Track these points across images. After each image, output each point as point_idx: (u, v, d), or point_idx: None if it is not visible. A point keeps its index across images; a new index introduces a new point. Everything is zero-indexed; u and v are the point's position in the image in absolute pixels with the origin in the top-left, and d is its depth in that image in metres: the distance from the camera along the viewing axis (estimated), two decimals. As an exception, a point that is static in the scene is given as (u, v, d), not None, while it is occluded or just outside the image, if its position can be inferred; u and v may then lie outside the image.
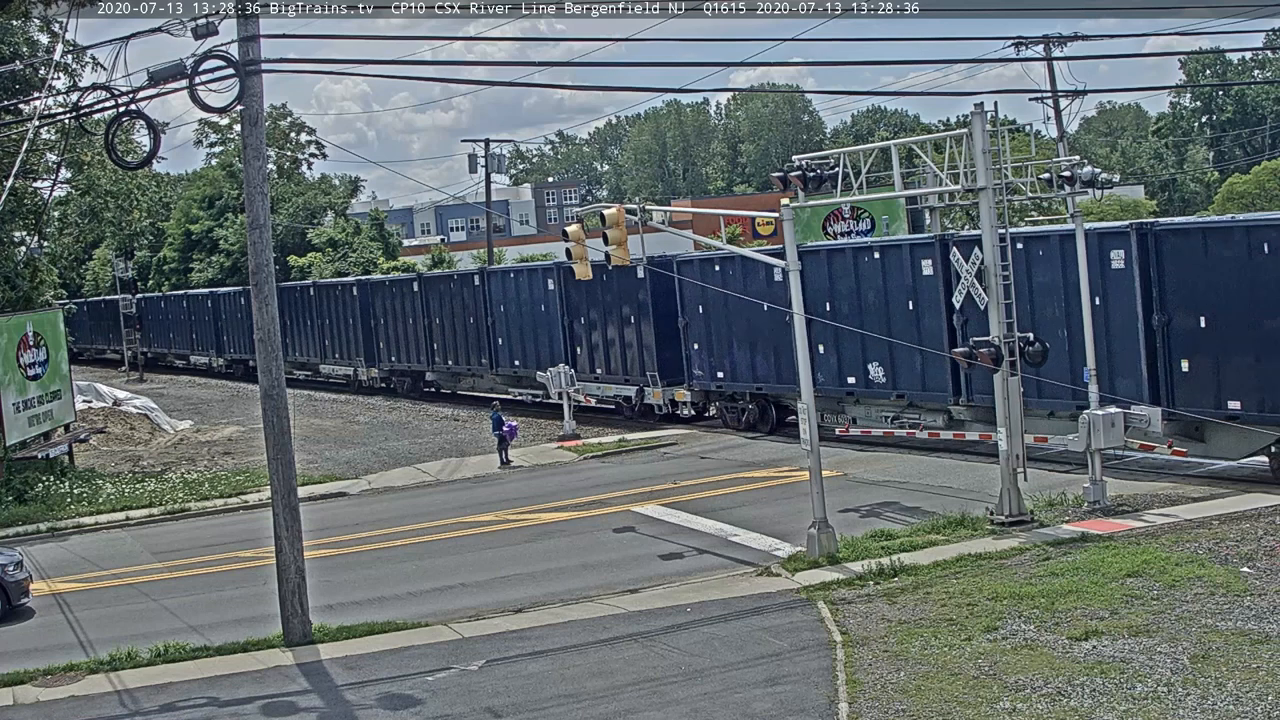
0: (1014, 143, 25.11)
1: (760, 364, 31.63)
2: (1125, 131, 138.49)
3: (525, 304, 39.27)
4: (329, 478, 31.35)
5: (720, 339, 32.76)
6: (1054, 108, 47.79)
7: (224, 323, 61.57)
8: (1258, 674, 13.22)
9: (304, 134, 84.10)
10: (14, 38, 31.65)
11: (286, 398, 18.28)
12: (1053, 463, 25.36)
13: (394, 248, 71.35)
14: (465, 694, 14.93)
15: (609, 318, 36.26)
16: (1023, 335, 21.16)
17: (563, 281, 37.04)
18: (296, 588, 17.72)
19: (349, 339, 49.77)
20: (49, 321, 33.86)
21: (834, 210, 42.70)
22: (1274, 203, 67.45)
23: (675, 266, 33.45)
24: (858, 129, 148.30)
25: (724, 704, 13.84)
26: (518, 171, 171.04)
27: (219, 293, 63.04)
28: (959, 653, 14.73)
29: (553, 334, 38.18)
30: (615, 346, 36.19)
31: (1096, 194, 26.02)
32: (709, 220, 58.52)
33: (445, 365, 43.81)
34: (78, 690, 16.24)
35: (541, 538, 23.30)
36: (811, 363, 29.01)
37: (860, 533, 20.80)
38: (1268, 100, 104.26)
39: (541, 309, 38.59)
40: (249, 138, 17.71)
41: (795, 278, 20.60)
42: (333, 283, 52.69)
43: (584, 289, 35.64)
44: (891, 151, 22.58)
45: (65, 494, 29.73)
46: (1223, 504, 20.99)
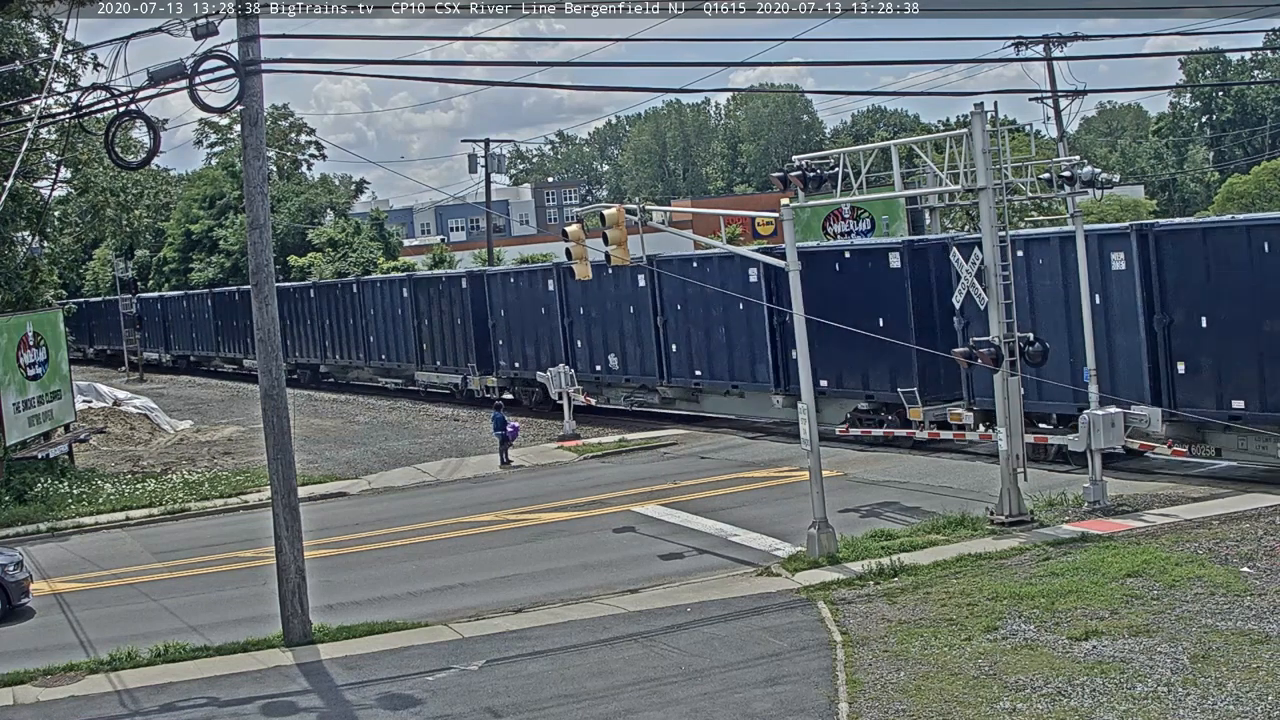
0: (1014, 143, 25.08)
1: (542, 356, 38.12)
2: (1125, 131, 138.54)
3: (388, 310, 46.74)
4: (329, 478, 31.36)
5: (515, 337, 39.83)
6: (1054, 108, 47.80)
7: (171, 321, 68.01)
8: (1258, 674, 13.22)
9: (304, 134, 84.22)
10: (14, 38, 31.65)
11: (286, 398, 18.29)
12: (1053, 462, 25.37)
13: (394, 248, 71.42)
14: (465, 694, 14.94)
15: (443, 320, 43.21)
16: (1023, 335, 21.17)
17: (414, 291, 45.17)
18: (296, 588, 17.72)
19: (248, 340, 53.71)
20: (49, 321, 33.86)
21: (834, 210, 42.71)
22: (1274, 203, 67.51)
23: (484, 280, 41.43)
24: (858, 129, 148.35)
25: (724, 704, 13.84)
26: (518, 171, 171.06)
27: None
28: (959, 653, 14.73)
29: (405, 333, 45.63)
30: (447, 343, 43.17)
31: (1096, 194, 25.97)
32: (709, 220, 58.56)
33: (335, 360, 51.40)
34: (78, 690, 16.25)
35: (541, 538, 23.30)
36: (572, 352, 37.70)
37: (860, 533, 20.80)
38: (1268, 100, 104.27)
39: (398, 313, 46.05)
40: (249, 138, 17.71)
41: (795, 278, 20.60)
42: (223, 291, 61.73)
43: (427, 298, 44.04)
44: (891, 151, 22.57)
45: (65, 494, 29.72)
46: (1223, 504, 21.00)
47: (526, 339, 39.41)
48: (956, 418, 26.83)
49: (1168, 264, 23.42)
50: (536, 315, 38.88)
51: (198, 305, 64.31)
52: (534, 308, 38.88)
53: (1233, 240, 22.66)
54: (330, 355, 50.97)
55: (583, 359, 36.93)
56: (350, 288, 49.49)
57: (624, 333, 35.56)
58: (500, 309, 40.38)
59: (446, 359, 43.30)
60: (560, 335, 37.84)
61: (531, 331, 39.15)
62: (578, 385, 35.27)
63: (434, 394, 45.52)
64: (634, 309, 35.17)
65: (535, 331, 38.98)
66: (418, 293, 44.82)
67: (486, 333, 40.98)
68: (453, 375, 43.26)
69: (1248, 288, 22.19)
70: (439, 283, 43.99)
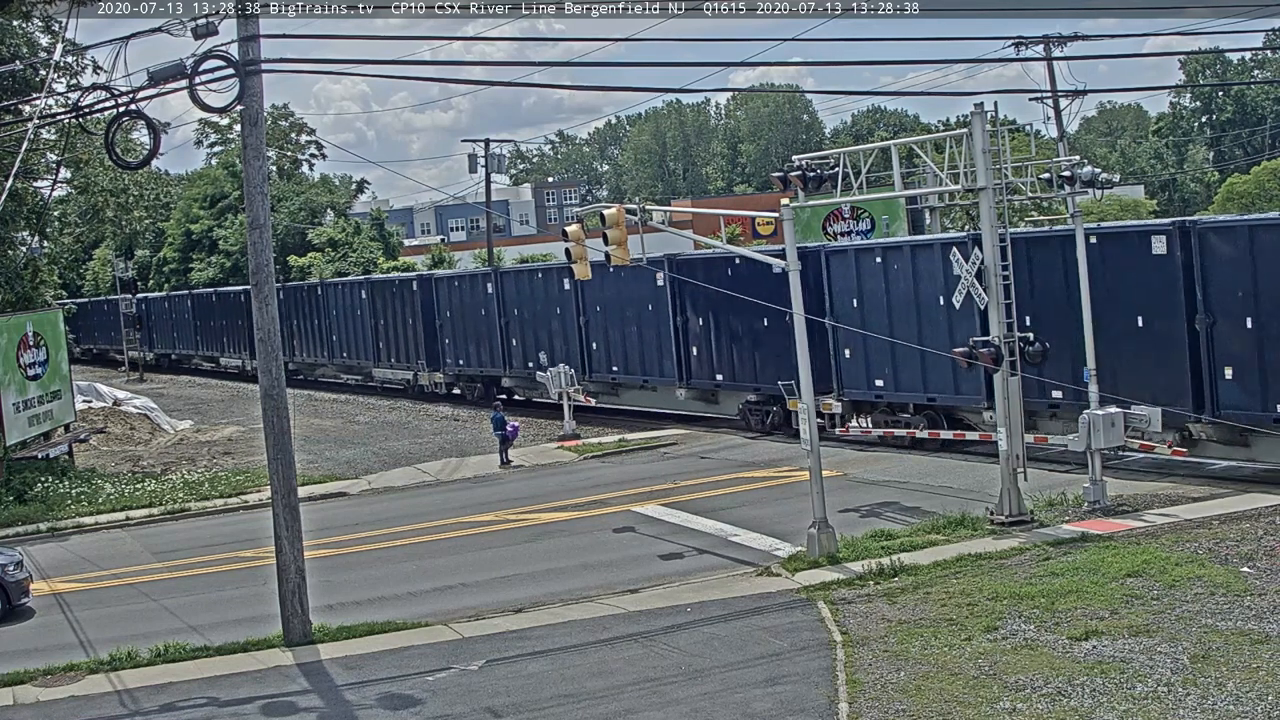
0: (1014, 143, 25.08)
1: (483, 354, 41.15)
2: (1125, 131, 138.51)
3: (349, 311, 49.20)
4: (329, 478, 31.36)
5: (459, 336, 42.38)
6: (1054, 108, 47.77)
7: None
8: (1258, 674, 13.22)
9: (304, 134, 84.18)
10: (14, 38, 31.64)
11: (286, 398, 18.29)
12: (1053, 462, 25.38)
13: (394, 248, 71.43)
14: (465, 694, 14.93)
15: (397, 321, 45.76)
16: (1022, 335, 21.17)
17: (371, 293, 47.57)
18: (296, 588, 17.72)
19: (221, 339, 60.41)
20: (49, 321, 33.86)
21: (834, 210, 42.74)
22: (1274, 203, 67.46)
23: (433, 283, 43.96)
24: (857, 129, 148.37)
25: (724, 704, 13.84)
26: (518, 171, 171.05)
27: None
28: (959, 653, 14.73)
29: (364, 333, 47.82)
30: (401, 342, 45.66)
31: (1096, 194, 25.96)
32: (709, 220, 58.54)
33: (302, 358, 53.03)
34: (78, 690, 16.24)
35: (541, 538, 23.31)
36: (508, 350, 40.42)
37: (860, 533, 20.80)
38: (1267, 100, 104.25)
39: (357, 314, 48.31)
40: (249, 138, 17.71)
41: (795, 278, 20.58)
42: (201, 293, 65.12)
43: (383, 300, 46.50)
44: (891, 151, 22.57)
45: (65, 494, 29.72)
46: (1223, 504, 20.99)
47: (469, 338, 42.12)
48: (828, 407, 28.92)
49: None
50: (478, 316, 41.59)
51: (178, 306, 67.36)
52: (475, 309, 41.66)
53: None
54: (298, 354, 52.91)
55: (517, 356, 39.83)
56: (315, 290, 52.57)
57: (553, 332, 38.38)
58: (446, 310, 43.07)
59: (400, 356, 45.95)
60: (498, 334, 40.59)
61: (474, 331, 41.86)
62: (577, 385, 35.31)
63: (390, 389, 48.46)
64: (560, 310, 38.08)
65: (476, 331, 41.71)
66: (375, 295, 47.38)
67: (435, 332, 43.65)
68: (405, 371, 46.02)
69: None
70: (393, 285, 46.89)
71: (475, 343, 41.69)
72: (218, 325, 61.59)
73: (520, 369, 39.51)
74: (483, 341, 41.25)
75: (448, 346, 43.11)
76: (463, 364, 42.51)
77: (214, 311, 62.16)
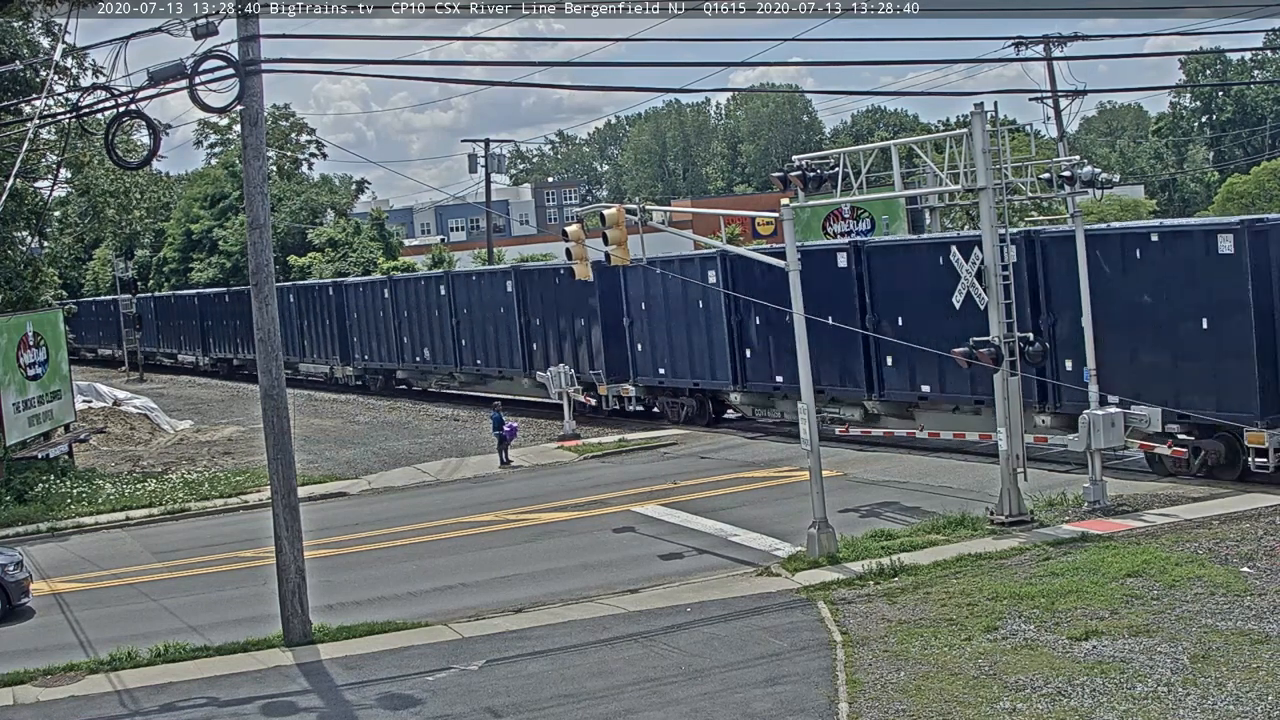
0: (1014, 143, 25.08)
1: (385, 350, 47.55)
2: (1125, 131, 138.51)
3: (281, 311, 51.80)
4: (329, 478, 31.36)
5: (366, 334, 48.77)
6: (1054, 108, 47.79)
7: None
8: (1258, 674, 13.22)
9: (304, 134, 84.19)
10: (15, 39, 31.64)
11: (286, 398, 18.29)
12: (1052, 462, 25.38)
13: (394, 248, 71.47)
14: (465, 694, 14.94)
15: (315, 319, 51.97)
16: (1022, 335, 21.16)
17: (297, 297, 53.13)
18: (296, 588, 17.72)
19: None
20: (49, 321, 33.85)
21: (834, 210, 42.74)
22: (1274, 203, 67.42)
23: (344, 289, 50.26)
24: (857, 129, 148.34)
25: (724, 704, 13.84)
26: (518, 171, 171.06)
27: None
28: (959, 653, 14.73)
29: (291, 332, 51.33)
30: (320, 338, 51.86)
31: (1096, 194, 25.96)
32: (709, 220, 58.50)
33: (245, 355, 57.90)
34: (78, 690, 16.24)
35: (541, 538, 23.31)
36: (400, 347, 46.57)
37: (860, 533, 20.80)
38: (1268, 100, 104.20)
39: (287, 314, 51.35)
40: (249, 138, 17.71)
41: (795, 277, 20.58)
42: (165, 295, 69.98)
43: (306, 302, 52.50)
44: (891, 151, 22.56)
45: (65, 494, 29.72)
46: (1223, 504, 20.99)
47: (372, 336, 48.67)
48: (626, 391, 35.49)
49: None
50: (376, 317, 48.16)
51: (143, 306, 70.10)
52: (374, 311, 48.11)
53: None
54: (242, 351, 58.49)
55: (408, 351, 46.20)
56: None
57: (434, 331, 44.43)
58: (353, 312, 49.46)
59: (319, 353, 52.32)
60: (393, 333, 46.85)
61: (375, 329, 48.32)
62: (574, 385, 35.43)
63: (313, 381, 53.88)
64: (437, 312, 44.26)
65: (376, 329, 48.20)
66: (299, 299, 53.18)
67: (346, 331, 50.06)
68: (323, 366, 52.62)
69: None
70: (314, 290, 53.31)
71: (377, 340, 48.18)
72: (176, 325, 67.44)
73: (410, 362, 46.35)
74: (382, 339, 47.81)
75: (356, 344, 49.73)
76: (368, 359, 49.15)
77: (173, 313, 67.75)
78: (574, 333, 37.75)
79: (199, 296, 64.23)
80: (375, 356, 48.53)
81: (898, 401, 28.88)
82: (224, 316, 60.86)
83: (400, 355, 46.63)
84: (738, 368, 32.51)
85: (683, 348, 34.01)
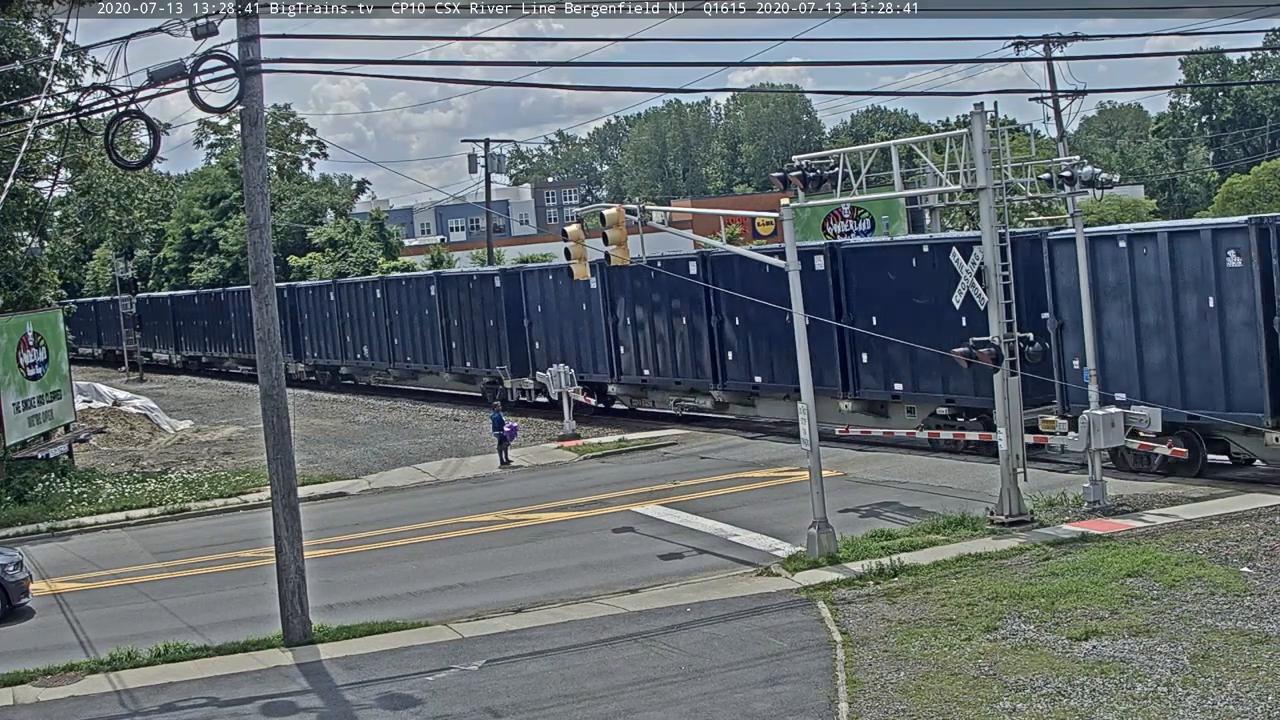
0: (1014, 143, 25.11)
1: (331, 348, 51.58)
2: (1125, 131, 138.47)
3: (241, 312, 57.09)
4: (329, 478, 31.36)
5: (316, 333, 52.69)
6: (1054, 108, 47.79)
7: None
8: (1258, 674, 13.23)
9: (304, 134, 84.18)
10: (15, 39, 31.62)
11: (286, 398, 18.29)
12: (1052, 462, 25.38)
13: (394, 248, 71.46)
14: (465, 694, 14.94)
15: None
16: (1022, 335, 21.16)
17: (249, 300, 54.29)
18: (296, 588, 17.72)
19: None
20: (49, 321, 33.84)
21: (834, 210, 42.74)
22: (1274, 203, 67.40)
23: (296, 291, 53.84)
24: (857, 129, 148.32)
25: (724, 704, 13.84)
26: (517, 171, 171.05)
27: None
28: (959, 653, 14.74)
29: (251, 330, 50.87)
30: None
31: (1096, 194, 25.96)
32: (709, 220, 58.51)
33: (212, 353, 63.89)
34: (78, 690, 16.25)
35: (541, 538, 23.31)
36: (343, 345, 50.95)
37: (860, 533, 20.80)
38: (1267, 100, 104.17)
39: (246, 316, 52.33)
40: (249, 138, 17.71)
41: (795, 277, 20.59)
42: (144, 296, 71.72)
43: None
44: (891, 151, 22.56)
45: (65, 494, 29.72)
46: (1223, 504, 20.99)
47: (320, 335, 52.42)
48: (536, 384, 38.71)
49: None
50: (324, 318, 51.99)
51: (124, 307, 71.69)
52: (322, 312, 52.03)
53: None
54: (209, 349, 63.93)
55: (350, 349, 50.21)
56: (219, 295, 62.72)
57: (370, 331, 48.29)
58: (305, 313, 53.34)
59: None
60: (336, 333, 50.75)
61: (323, 329, 52.12)
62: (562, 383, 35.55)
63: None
64: (374, 315, 48.15)
65: (324, 329, 51.98)
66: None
67: (298, 329, 53.27)
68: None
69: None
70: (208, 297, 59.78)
71: (324, 339, 52.32)
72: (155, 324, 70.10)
73: (352, 359, 50.51)
74: (329, 338, 51.86)
75: (307, 342, 53.58)
76: (317, 356, 53.31)
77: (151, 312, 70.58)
78: (485, 332, 41.38)
79: (171, 299, 69.79)
80: (323, 354, 52.76)
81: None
82: (194, 317, 65.52)
83: (344, 353, 50.80)
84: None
85: (571, 345, 37.84)
